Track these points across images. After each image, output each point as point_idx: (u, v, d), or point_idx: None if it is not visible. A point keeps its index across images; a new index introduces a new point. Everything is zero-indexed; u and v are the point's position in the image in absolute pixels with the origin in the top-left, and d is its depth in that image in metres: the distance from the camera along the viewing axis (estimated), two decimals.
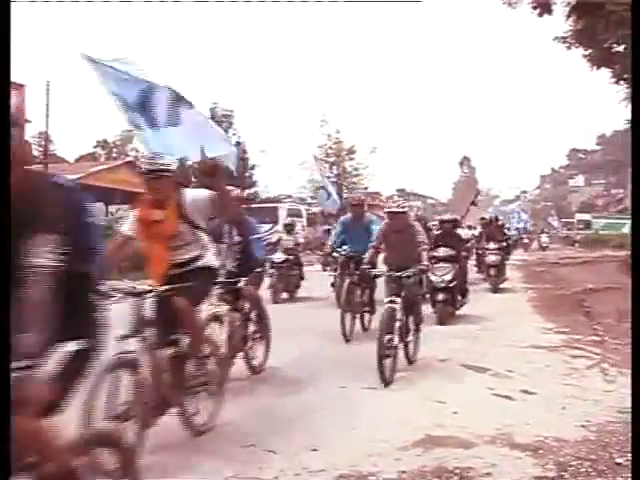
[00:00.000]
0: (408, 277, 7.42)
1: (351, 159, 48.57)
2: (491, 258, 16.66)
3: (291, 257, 15.02)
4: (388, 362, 6.92)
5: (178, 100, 8.51)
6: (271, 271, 13.92)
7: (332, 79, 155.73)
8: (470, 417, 5.63)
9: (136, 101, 8.81)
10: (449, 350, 8.62)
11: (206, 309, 5.96)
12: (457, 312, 11.78)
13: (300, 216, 31.80)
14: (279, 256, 14.73)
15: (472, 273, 16.56)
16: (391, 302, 7.25)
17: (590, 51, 20.64)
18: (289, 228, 16.22)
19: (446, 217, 13.40)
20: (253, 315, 7.47)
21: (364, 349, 7.77)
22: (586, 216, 57.60)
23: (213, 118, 47.47)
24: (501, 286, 16.55)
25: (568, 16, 20.08)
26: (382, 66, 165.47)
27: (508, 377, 7.20)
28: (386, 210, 8.32)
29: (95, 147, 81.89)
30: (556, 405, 6.04)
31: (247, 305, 7.37)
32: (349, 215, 10.88)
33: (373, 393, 6.55)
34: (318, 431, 5.29)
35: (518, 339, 9.37)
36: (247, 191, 47.52)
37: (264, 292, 9.47)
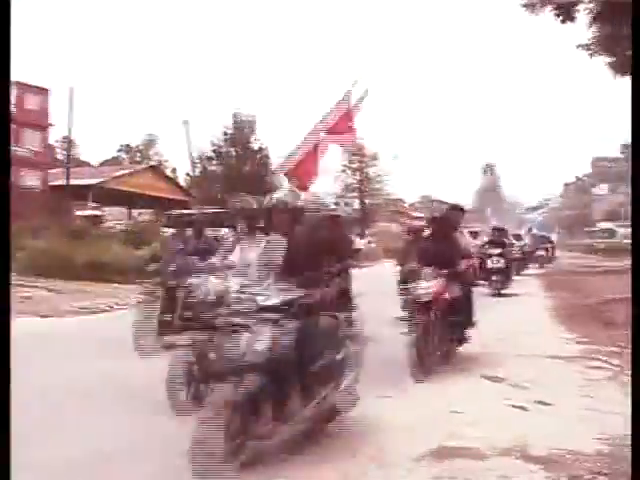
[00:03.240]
0: None
1: (374, 165, 48.58)
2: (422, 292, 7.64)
3: None
4: None
5: None
6: None
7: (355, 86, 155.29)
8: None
9: None
10: None
11: None
12: None
13: None
14: None
15: None
16: None
17: (613, 59, 20.56)
18: None
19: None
20: None
21: None
22: (609, 224, 57.15)
23: (235, 124, 47.79)
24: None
25: (591, 24, 20.04)
26: (406, 72, 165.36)
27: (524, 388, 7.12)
28: None
29: (119, 151, 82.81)
30: (572, 417, 5.98)
31: None
32: None
33: None
34: None
35: None
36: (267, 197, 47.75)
37: None
